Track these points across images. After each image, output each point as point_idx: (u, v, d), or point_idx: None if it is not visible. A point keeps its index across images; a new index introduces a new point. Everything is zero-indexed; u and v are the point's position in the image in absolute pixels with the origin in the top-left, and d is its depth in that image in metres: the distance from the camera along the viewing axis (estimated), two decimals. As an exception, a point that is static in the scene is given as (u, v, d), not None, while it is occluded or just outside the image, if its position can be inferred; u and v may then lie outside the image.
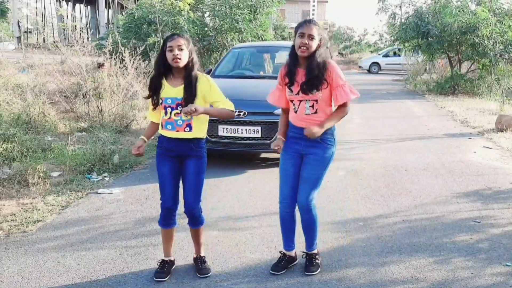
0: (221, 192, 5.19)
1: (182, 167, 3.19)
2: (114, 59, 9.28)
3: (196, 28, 13.31)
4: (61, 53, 9.40)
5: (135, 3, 14.76)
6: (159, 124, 3.23)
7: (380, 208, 4.76)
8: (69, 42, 9.75)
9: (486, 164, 6.55)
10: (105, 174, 5.74)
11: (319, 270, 3.38)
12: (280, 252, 3.48)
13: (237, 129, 5.94)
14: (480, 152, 7.31)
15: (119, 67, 9.30)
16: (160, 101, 3.12)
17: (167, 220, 3.26)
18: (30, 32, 39.77)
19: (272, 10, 14.86)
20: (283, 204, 3.33)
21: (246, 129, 5.92)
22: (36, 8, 41.21)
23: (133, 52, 10.15)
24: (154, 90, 3.12)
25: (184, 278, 3.30)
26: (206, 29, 13.83)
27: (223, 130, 5.97)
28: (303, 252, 3.45)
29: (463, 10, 15.01)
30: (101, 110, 8.21)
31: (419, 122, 10.24)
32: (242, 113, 5.90)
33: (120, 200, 4.91)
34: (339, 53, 45.05)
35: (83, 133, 7.82)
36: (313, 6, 50.40)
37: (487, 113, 11.19)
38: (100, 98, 8.30)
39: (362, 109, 11.81)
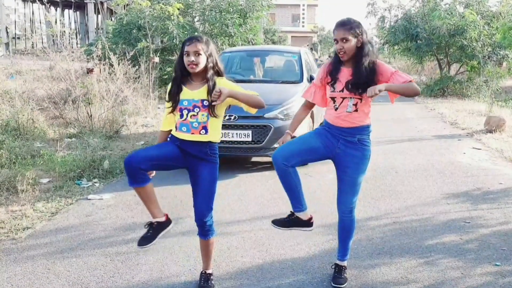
0: (212, 197, 5.18)
1: (193, 172, 3.03)
2: (103, 64, 9.25)
3: (185, 33, 13.30)
4: (49, 59, 9.35)
5: (124, 9, 14.72)
6: (170, 132, 3.10)
7: (370, 210, 4.78)
8: (58, 48, 9.69)
9: (476, 165, 6.61)
10: (95, 180, 5.71)
11: (346, 284, 3.26)
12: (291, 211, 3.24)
13: (228, 133, 5.94)
14: (469, 153, 7.37)
15: (109, 73, 9.27)
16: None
17: (132, 177, 2.90)
18: (18, 38, 39.47)
19: (262, 14, 14.89)
20: (278, 155, 3.04)
21: (236, 133, 5.92)
22: (25, 14, 40.95)
23: (122, 58, 10.12)
24: (175, 93, 2.99)
25: (175, 286, 3.29)
26: (196, 33, 13.82)
27: (214, 134, 5.96)
28: (334, 263, 3.38)
29: (452, 13, 15.19)
30: (91, 115, 8.17)
31: (409, 124, 10.30)
32: (232, 117, 5.90)
33: (110, 206, 4.89)
34: (329, 56, 45.28)
35: (73, 139, 7.77)
36: (303, 10, 50.64)
37: (476, 114, 11.30)
38: (89, 103, 8.25)
39: (352, 112, 11.86)
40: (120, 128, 8.36)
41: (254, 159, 6.75)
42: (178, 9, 12.13)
